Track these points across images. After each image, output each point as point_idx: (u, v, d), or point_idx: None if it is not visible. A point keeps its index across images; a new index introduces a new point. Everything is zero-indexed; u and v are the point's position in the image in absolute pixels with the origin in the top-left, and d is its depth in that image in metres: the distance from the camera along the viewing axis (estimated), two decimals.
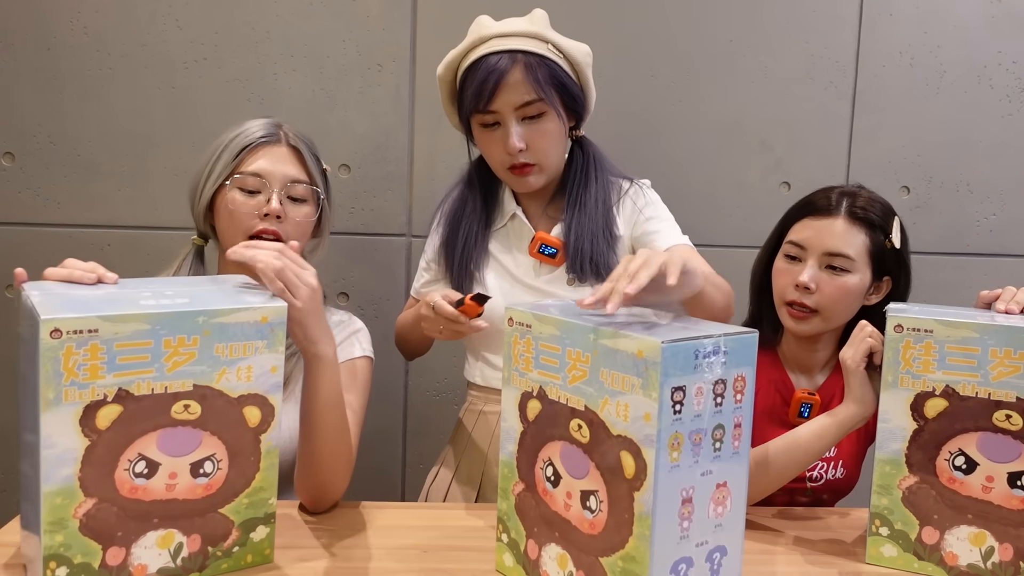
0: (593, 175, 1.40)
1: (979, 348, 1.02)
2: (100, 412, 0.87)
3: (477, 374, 1.45)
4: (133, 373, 0.88)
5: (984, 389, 1.02)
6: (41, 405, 0.84)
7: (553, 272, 1.38)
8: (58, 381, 0.84)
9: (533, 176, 1.35)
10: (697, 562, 0.88)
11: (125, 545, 0.91)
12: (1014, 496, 1.02)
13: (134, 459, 0.90)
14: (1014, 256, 1.96)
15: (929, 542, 1.07)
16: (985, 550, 1.04)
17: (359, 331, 1.36)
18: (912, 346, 1.05)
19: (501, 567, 1.04)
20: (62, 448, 0.86)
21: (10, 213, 1.83)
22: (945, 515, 1.05)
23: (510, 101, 1.28)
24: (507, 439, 1.01)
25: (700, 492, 0.87)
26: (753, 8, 1.88)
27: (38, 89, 1.81)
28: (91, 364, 0.85)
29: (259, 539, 1.00)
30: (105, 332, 0.86)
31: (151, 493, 0.92)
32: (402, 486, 1.96)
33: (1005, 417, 1.01)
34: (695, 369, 0.84)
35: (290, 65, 1.83)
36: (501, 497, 1.03)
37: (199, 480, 0.94)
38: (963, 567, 1.05)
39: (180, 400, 0.91)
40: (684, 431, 0.84)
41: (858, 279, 1.30)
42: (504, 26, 1.31)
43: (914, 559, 1.07)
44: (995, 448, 1.02)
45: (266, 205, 1.23)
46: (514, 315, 0.99)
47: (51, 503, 0.86)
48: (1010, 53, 1.91)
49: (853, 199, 1.32)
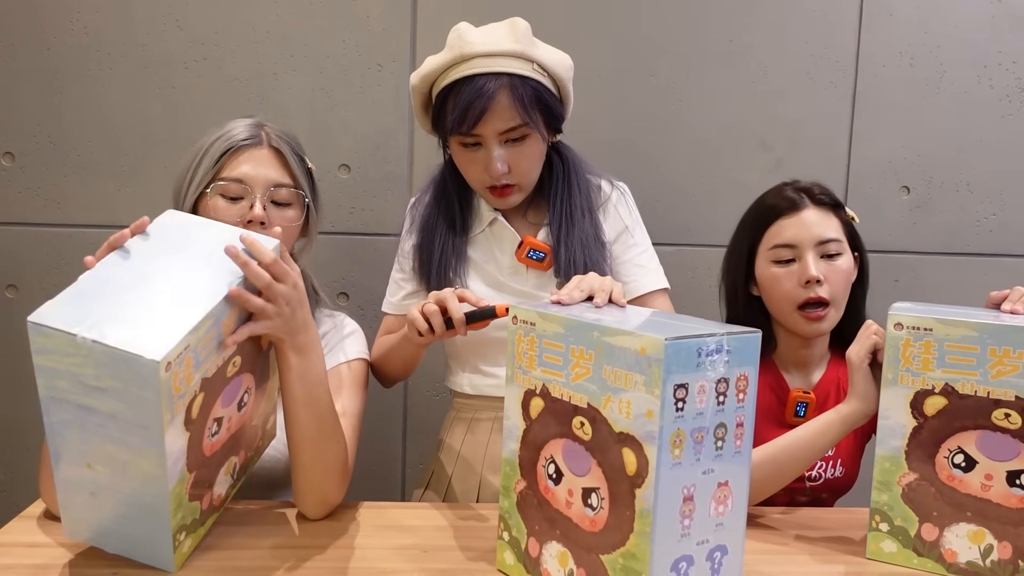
0: (575, 182, 1.39)
1: (978, 347, 1.02)
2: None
3: (465, 383, 1.43)
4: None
5: (983, 388, 1.02)
6: None
7: (541, 276, 1.38)
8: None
9: (513, 196, 1.34)
10: (698, 560, 0.88)
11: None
12: (1013, 495, 1.03)
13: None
14: (1014, 256, 1.97)
15: (928, 539, 1.07)
16: (984, 548, 1.05)
17: (352, 334, 1.33)
18: (912, 344, 1.05)
19: (502, 565, 1.04)
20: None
21: (10, 213, 1.83)
22: (944, 512, 1.06)
23: (495, 127, 1.26)
24: (509, 437, 1.01)
25: (701, 490, 0.87)
26: (753, 8, 1.88)
27: (38, 89, 1.80)
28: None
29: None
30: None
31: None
32: (402, 486, 1.96)
33: (1004, 416, 1.02)
34: (698, 367, 0.84)
35: (290, 65, 1.83)
36: (503, 495, 1.03)
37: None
38: (962, 564, 1.06)
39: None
40: (686, 429, 0.84)
41: (848, 259, 1.34)
42: (488, 43, 1.26)
43: (913, 555, 1.08)
44: (994, 446, 1.03)
45: (249, 212, 1.20)
46: (518, 313, 0.99)
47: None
48: (1010, 53, 1.92)
49: (808, 190, 1.36)
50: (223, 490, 1.07)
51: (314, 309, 1.35)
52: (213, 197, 1.22)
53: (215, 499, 1.05)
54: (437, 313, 1.16)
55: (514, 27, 1.29)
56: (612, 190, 1.43)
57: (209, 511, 1.05)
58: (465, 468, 1.41)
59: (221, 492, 1.07)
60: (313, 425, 1.09)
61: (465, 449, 1.41)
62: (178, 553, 0.98)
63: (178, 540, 0.97)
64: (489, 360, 1.40)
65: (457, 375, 1.45)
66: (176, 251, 0.99)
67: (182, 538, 0.98)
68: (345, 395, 1.25)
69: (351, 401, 1.26)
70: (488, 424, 1.41)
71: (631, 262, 1.40)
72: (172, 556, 0.97)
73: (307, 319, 1.06)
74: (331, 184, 1.84)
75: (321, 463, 1.11)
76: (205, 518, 1.04)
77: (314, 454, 1.10)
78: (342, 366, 1.28)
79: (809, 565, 1.09)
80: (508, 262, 1.39)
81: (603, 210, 1.41)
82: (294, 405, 1.07)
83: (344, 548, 1.09)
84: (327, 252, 1.83)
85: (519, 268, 1.38)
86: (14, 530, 1.10)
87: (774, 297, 1.34)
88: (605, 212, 1.41)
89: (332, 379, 1.24)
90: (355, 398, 1.27)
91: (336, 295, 1.88)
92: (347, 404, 1.24)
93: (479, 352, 1.40)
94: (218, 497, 1.06)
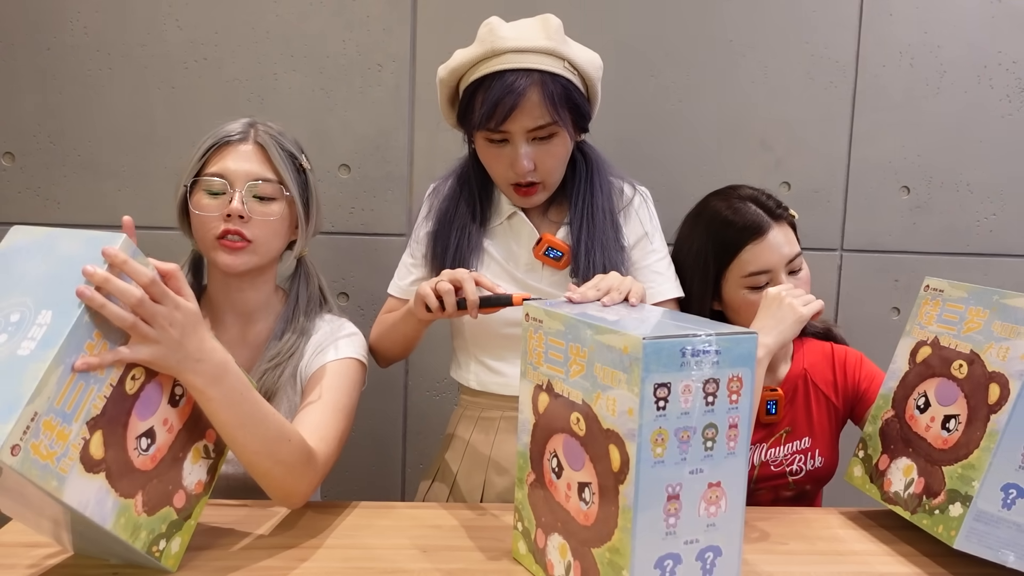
0: (598, 183, 1.38)
1: (963, 306, 1.15)
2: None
3: (472, 378, 1.43)
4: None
5: (955, 341, 1.14)
6: None
7: (556, 275, 1.37)
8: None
9: (537, 195, 1.33)
10: (686, 560, 0.88)
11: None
12: (940, 436, 1.12)
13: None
14: (1014, 256, 1.96)
15: (881, 468, 1.21)
16: (907, 481, 1.15)
17: (349, 336, 1.30)
18: (928, 302, 1.20)
19: (516, 554, 1.07)
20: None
21: (10, 213, 1.83)
22: (898, 446, 1.19)
23: (524, 124, 1.26)
24: (523, 430, 1.04)
25: (689, 490, 0.87)
26: (753, 8, 1.88)
27: (38, 89, 1.81)
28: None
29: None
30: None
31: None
32: (402, 486, 1.96)
33: (959, 366, 1.12)
34: (681, 367, 0.84)
35: (290, 65, 1.83)
36: (517, 487, 1.06)
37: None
38: (891, 493, 1.17)
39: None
40: (669, 428, 0.84)
41: (807, 267, 1.39)
42: (519, 39, 1.25)
43: (867, 480, 1.23)
44: (945, 393, 1.14)
45: (228, 206, 1.21)
46: (530, 311, 1.01)
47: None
48: (1010, 53, 1.91)
49: (763, 204, 1.37)
50: (200, 476, 1.03)
51: (319, 312, 1.35)
52: (197, 193, 1.23)
53: (194, 488, 1.02)
54: (451, 293, 1.15)
55: (546, 23, 1.28)
56: (635, 194, 1.42)
57: (191, 502, 1.02)
58: (470, 467, 1.41)
59: (199, 478, 1.03)
60: (258, 441, 1.02)
61: (471, 448, 1.41)
62: (165, 556, 0.98)
63: (157, 550, 0.96)
64: (495, 355, 1.40)
65: (464, 368, 1.45)
66: (9, 287, 0.88)
67: (162, 545, 0.97)
68: (329, 389, 1.21)
69: (334, 394, 1.21)
70: (494, 423, 1.40)
71: (649, 268, 1.39)
72: (159, 564, 0.97)
73: (203, 347, 0.95)
74: (331, 184, 1.84)
75: (280, 466, 1.06)
76: (189, 511, 1.02)
77: (269, 461, 1.05)
78: (331, 363, 1.25)
79: (810, 565, 1.09)
80: (525, 257, 1.38)
81: (624, 214, 1.40)
82: (230, 431, 1.00)
83: (344, 548, 1.09)
84: (327, 252, 1.84)
85: (535, 264, 1.37)
86: (14, 530, 1.10)
87: (748, 318, 1.32)
88: (627, 216, 1.40)
89: (317, 376, 1.23)
90: (340, 391, 1.22)
91: (336, 295, 1.88)
92: (337, 397, 1.21)
93: (486, 347, 1.40)
94: (198, 485, 1.03)
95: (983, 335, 1.09)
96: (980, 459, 1.03)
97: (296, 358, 1.27)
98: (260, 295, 1.31)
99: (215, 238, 1.22)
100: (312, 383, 1.23)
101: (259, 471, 1.06)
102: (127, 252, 0.89)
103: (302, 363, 1.27)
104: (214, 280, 1.32)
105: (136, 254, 0.90)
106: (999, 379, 1.05)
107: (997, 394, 1.04)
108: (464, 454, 1.42)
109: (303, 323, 1.31)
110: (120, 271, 0.87)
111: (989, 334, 1.09)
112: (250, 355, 1.30)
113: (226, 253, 1.23)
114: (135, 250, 0.90)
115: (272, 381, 1.25)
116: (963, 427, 1.08)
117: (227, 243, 1.22)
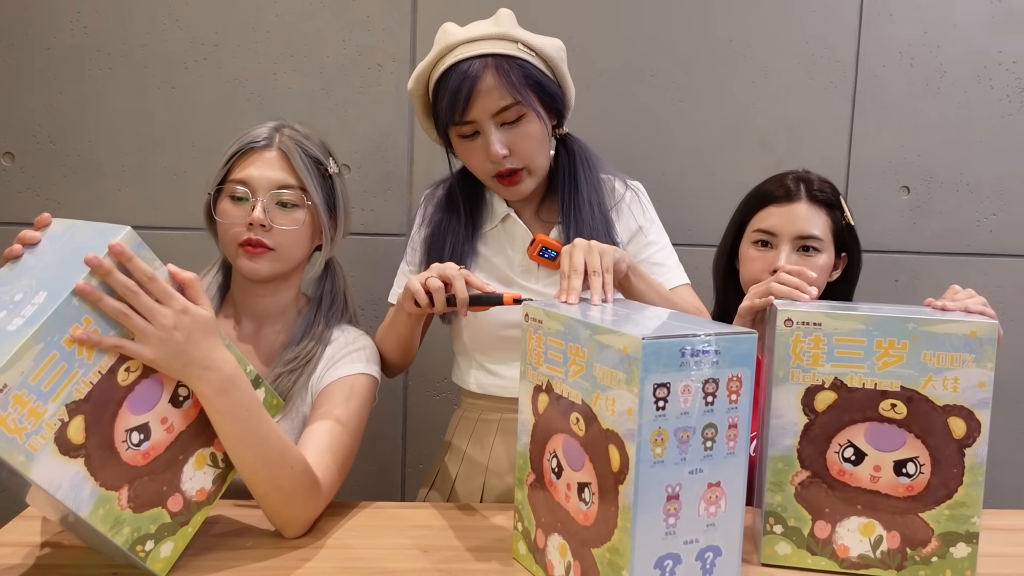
0: (582, 175, 1.37)
1: (865, 339, 1.02)
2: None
3: (471, 381, 1.43)
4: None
5: (871, 380, 1.02)
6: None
7: (553, 275, 1.37)
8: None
9: (523, 182, 1.32)
10: (686, 560, 0.88)
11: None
12: (899, 484, 1.03)
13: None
14: (1014, 256, 1.96)
15: (821, 536, 1.06)
16: (874, 539, 1.05)
17: (360, 349, 1.29)
18: (802, 340, 1.04)
19: (516, 555, 1.07)
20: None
21: (10, 213, 1.83)
22: (836, 508, 1.05)
23: (486, 108, 1.25)
24: (523, 431, 1.04)
25: (688, 490, 0.87)
26: (753, 8, 1.88)
27: (38, 89, 1.81)
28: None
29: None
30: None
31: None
32: (402, 486, 1.97)
33: (891, 406, 1.02)
34: (681, 367, 0.84)
35: (290, 65, 1.83)
36: (517, 487, 1.06)
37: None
38: (854, 558, 1.05)
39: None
40: (669, 428, 0.84)
41: (826, 258, 1.39)
42: (470, 31, 1.27)
43: (808, 555, 1.07)
44: (882, 438, 1.03)
45: (250, 214, 1.21)
46: (529, 311, 1.02)
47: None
48: (1010, 53, 1.91)
49: (809, 183, 1.42)
50: (204, 484, 1.02)
51: (339, 321, 1.34)
52: (222, 200, 1.24)
53: (195, 495, 1.01)
54: (441, 290, 1.14)
55: (496, 15, 1.29)
56: (626, 190, 1.42)
57: (189, 508, 1.00)
58: (470, 470, 1.41)
59: (203, 486, 1.02)
60: (258, 461, 1.01)
61: (470, 451, 1.41)
62: (152, 559, 0.96)
63: (142, 550, 0.95)
64: (494, 358, 1.40)
65: (463, 371, 1.45)
66: (24, 271, 0.92)
67: (149, 546, 0.96)
68: (339, 407, 1.20)
69: (344, 414, 1.20)
70: (493, 426, 1.40)
71: (647, 261, 1.39)
72: (143, 565, 0.96)
73: (213, 355, 0.95)
74: (339, 185, 1.84)
75: (279, 491, 1.05)
76: (186, 517, 1.00)
77: (268, 485, 1.04)
78: (343, 379, 1.24)
79: None
80: (519, 259, 1.38)
81: (616, 211, 1.40)
82: (231, 446, 1.00)
83: (344, 548, 1.09)
84: None
85: (530, 266, 1.38)
86: (14, 530, 1.10)
87: (744, 276, 1.42)
88: (619, 213, 1.40)
89: (329, 392, 1.23)
90: (350, 412, 1.21)
91: None
92: (339, 415, 1.20)
93: (485, 350, 1.40)
94: (200, 492, 1.01)
95: (912, 368, 1.01)
96: (972, 495, 1.01)
97: (311, 366, 1.26)
98: (280, 301, 1.32)
99: (238, 245, 1.23)
100: (323, 399, 1.22)
101: (258, 492, 1.05)
102: (130, 244, 0.91)
103: (315, 375, 1.26)
104: (236, 283, 1.33)
105: (141, 248, 0.92)
106: (959, 412, 1.00)
107: (963, 427, 1.00)
108: (463, 458, 1.42)
109: (322, 330, 1.30)
110: (120, 263, 0.89)
111: (922, 367, 1.01)
112: (261, 357, 1.31)
113: (248, 259, 1.24)
114: (140, 243, 0.93)
115: (287, 386, 1.24)
116: (929, 468, 1.02)
117: (249, 249, 1.23)
